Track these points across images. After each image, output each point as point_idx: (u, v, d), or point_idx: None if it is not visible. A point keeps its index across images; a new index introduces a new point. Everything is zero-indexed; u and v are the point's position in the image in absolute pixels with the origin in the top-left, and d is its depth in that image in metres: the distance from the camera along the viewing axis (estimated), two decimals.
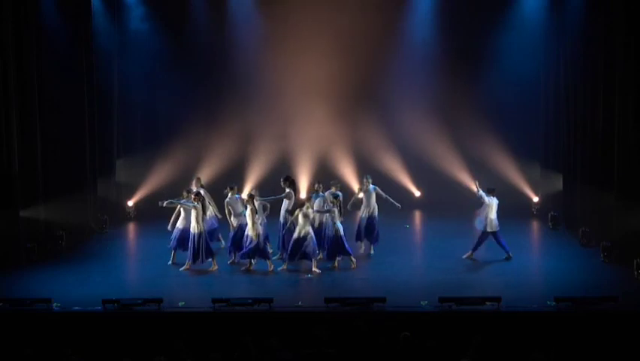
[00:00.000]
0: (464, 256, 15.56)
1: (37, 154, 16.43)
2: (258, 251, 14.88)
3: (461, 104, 20.68)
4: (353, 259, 15.21)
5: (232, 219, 15.43)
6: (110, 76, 20.18)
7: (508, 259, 15.47)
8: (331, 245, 15.13)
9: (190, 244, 15.03)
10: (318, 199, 15.36)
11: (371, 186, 16.12)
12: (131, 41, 20.91)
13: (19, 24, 15.81)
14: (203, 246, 14.95)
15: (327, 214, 15.21)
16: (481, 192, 15.55)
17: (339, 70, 20.44)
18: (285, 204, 15.70)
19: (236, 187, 15.88)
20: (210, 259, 15.16)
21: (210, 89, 21.37)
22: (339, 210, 15.29)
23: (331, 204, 15.16)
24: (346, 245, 15.09)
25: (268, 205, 15.66)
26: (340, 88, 20.65)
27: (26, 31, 16.02)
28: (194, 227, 14.97)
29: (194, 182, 16.44)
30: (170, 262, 15.50)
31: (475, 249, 15.58)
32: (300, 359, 9.99)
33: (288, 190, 15.69)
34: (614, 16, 15.56)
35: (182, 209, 15.41)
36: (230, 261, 15.50)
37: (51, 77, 17.08)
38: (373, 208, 16.10)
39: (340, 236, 15.03)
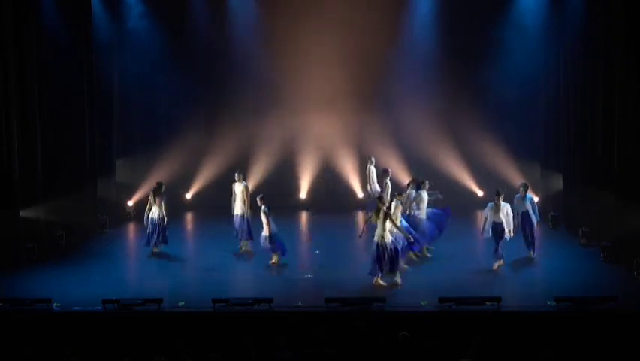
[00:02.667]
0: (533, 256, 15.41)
1: (37, 154, 16.44)
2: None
3: (461, 104, 20.68)
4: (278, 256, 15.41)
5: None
6: (110, 76, 20.19)
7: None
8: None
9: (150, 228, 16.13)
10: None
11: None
12: (131, 41, 20.90)
13: (19, 24, 15.81)
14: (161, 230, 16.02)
15: None
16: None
17: (340, 70, 20.47)
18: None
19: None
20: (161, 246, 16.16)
21: (210, 88, 21.39)
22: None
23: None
24: (277, 243, 15.36)
25: None
26: (341, 88, 20.68)
27: (26, 31, 16.02)
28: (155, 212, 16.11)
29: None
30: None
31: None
32: (300, 359, 9.99)
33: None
34: (614, 16, 15.56)
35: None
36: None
37: (51, 77, 17.08)
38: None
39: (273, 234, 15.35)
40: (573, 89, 18.02)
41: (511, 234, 14.90)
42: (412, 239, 14.68)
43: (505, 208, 14.86)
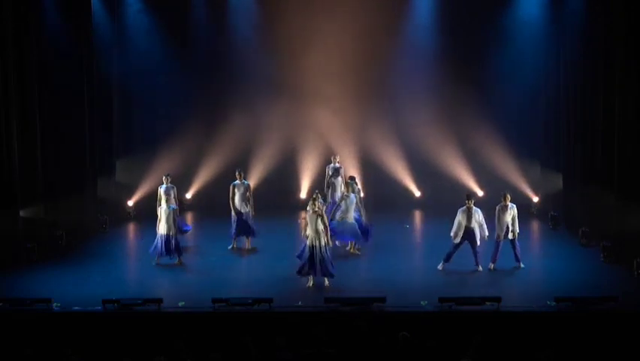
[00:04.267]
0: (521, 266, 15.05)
1: (37, 154, 16.44)
2: None
3: (461, 104, 20.66)
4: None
5: None
6: (110, 76, 20.20)
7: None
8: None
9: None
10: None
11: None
12: (131, 41, 20.91)
13: (19, 24, 15.81)
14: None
15: None
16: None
17: (341, 69, 20.46)
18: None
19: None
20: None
21: (211, 88, 21.35)
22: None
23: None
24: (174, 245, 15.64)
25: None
26: (342, 87, 20.66)
27: (26, 31, 16.02)
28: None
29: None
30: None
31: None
32: (300, 359, 10.00)
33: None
34: (614, 16, 15.57)
35: None
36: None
37: (51, 77, 17.09)
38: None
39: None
40: (573, 89, 18.03)
41: (485, 240, 14.72)
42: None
43: (477, 214, 14.63)
